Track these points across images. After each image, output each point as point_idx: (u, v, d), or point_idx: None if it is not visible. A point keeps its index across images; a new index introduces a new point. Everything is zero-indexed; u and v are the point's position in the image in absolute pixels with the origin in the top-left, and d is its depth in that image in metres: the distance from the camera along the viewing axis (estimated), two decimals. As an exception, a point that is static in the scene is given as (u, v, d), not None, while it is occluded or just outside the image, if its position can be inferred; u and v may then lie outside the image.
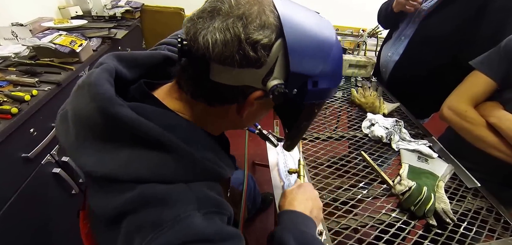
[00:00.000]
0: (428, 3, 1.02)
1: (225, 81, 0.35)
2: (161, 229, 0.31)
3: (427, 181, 0.74)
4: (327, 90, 0.40)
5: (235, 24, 0.32)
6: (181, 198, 0.34)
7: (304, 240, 0.48)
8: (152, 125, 0.34)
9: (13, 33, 1.16)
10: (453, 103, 0.82)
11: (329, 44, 0.37)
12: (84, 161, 0.35)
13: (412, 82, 1.12)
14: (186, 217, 0.32)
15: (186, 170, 0.36)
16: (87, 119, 0.35)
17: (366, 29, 2.33)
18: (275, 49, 0.34)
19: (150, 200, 0.33)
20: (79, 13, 1.52)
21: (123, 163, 0.34)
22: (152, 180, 0.34)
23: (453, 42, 0.98)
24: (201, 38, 0.33)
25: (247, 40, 0.32)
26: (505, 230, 0.67)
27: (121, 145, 0.35)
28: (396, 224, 0.66)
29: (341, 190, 0.74)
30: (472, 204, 0.73)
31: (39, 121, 0.93)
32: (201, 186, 0.37)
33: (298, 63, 0.34)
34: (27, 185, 0.89)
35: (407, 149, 0.88)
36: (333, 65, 0.39)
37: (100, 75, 0.37)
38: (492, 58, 0.78)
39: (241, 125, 0.48)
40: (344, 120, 1.11)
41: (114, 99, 0.34)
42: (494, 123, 0.73)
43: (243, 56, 0.33)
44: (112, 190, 0.34)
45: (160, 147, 0.35)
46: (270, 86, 0.35)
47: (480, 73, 0.79)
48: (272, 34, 0.33)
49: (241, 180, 1.10)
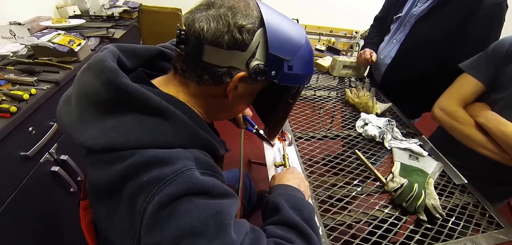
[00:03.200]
0: (419, 8, 1.05)
1: (215, 62, 0.41)
2: (164, 183, 0.34)
3: (418, 178, 0.77)
4: (300, 76, 0.47)
5: (226, 13, 0.39)
6: (181, 156, 0.37)
7: (295, 202, 0.52)
8: (152, 95, 0.38)
9: (11, 32, 1.15)
10: (444, 104, 0.86)
11: (301, 37, 0.46)
12: (87, 136, 0.37)
13: (403, 84, 1.16)
14: (187, 170, 0.36)
15: (183, 136, 0.40)
16: (92, 95, 0.39)
17: (359, 31, 2.38)
18: (257, 36, 0.41)
19: (151, 161, 0.35)
20: (77, 12, 1.52)
21: (123, 131, 0.37)
22: (152, 145, 0.37)
23: (442, 46, 1.01)
24: (197, 23, 0.40)
25: (235, 25, 0.39)
26: (490, 224, 0.71)
27: (123, 116, 0.38)
28: (389, 220, 0.68)
29: (336, 187, 0.76)
30: (460, 200, 0.77)
31: (38, 120, 0.93)
32: (197, 152, 0.41)
33: (276, 47, 0.42)
34: (26, 183, 0.89)
35: (399, 148, 0.91)
36: (305, 55, 0.46)
37: (105, 55, 0.41)
38: (481, 62, 0.82)
39: (227, 111, 0.52)
40: (339, 120, 1.14)
41: (120, 72, 0.38)
42: (482, 123, 0.77)
43: (231, 37, 0.39)
44: (114, 159, 0.37)
45: (159, 114, 0.39)
46: (253, 65, 0.41)
47: (469, 75, 0.83)
48: (255, 23, 0.41)
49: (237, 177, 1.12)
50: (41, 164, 0.95)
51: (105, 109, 0.38)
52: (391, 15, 1.19)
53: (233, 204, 0.39)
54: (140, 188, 0.34)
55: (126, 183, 0.35)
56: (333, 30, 2.41)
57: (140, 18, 1.96)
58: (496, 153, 0.75)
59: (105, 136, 0.37)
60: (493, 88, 0.80)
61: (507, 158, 0.74)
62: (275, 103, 0.53)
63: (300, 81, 0.48)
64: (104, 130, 0.37)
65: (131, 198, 0.35)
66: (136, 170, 0.35)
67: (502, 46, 0.77)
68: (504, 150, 0.74)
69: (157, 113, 0.38)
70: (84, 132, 0.38)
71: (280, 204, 0.50)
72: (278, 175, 0.65)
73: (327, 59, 1.43)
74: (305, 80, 0.50)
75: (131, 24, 1.72)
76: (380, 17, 1.32)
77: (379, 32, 1.28)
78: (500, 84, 0.77)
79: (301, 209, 0.50)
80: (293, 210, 0.49)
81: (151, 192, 0.33)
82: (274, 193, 0.56)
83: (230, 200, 0.39)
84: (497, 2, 0.89)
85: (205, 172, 0.39)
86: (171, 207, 0.33)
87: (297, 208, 0.50)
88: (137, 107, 0.38)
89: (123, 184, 0.36)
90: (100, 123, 0.38)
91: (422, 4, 1.04)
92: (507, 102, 0.75)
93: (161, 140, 0.38)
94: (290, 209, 0.49)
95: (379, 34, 1.27)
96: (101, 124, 0.38)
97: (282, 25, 0.44)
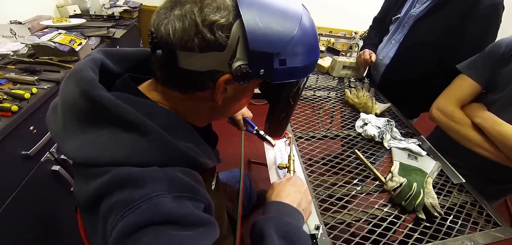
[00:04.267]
0: (417, 9, 1.07)
1: (193, 68, 0.36)
2: (130, 208, 0.31)
3: (417, 178, 0.78)
4: (299, 69, 0.39)
5: (191, 10, 0.33)
6: (152, 178, 0.34)
7: (287, 230, 0.45)
8: (128, 108, 0.35)
9: (11, 31, 1.15)
10: (442, 105, 0.88)
11: (294, 21, 0.37)
12: (69, 148, 0.36)
13: (402, 84, 1.17)
14: (155, 197, 0.32)
15: (160, 153, 0.36)
16: (73, 105, 0.37)
17: (358, 32, 2.39)
18: (235, 30, 0.34)
19: (122, 181, 0.33)
20: (77, 11, 1.52)
21: (100, 146, 0.35)
22: (127, 162, 0.34)
23: (440, 46, 1.03)
24: (163, 28, 0.34)
25: (203, 23, 0.33)
26: (487, 223, 0.72)
27: (100, 129, 0.36)
28: (388, 218, 0.69)
29: (336, 186, 0.77)
30: (458, 199, 0.77)
31: (39, 119, 0.93)
32: (176, 171, 0.37)
33: (258, 42, 0.34)
34: (26, 182, 0.89)
35: (398, 147, 0.92)
36: (302, 42, 0.38)
37: (85, 63, 0.39)
38: (477, 63, 0.83)
39: (221, 113, 0.47)
40: (338, 120, 1.15)
41: (95, 83, 0.36)
42: (479, 123, 0.78)
43: (202, 39, 0.33)
44: (91, 174, 0.35)
45: (135, 129, 0.35)
46: (235, 67, 0.35)
47: (466, 77, 0.84)
48: (229, 15, 0.34)
49: (238, 177, 1.13)
50: (41, 163, 0.95)
51: (85, 121, 0.36)
52: (390, 16, 1.20)
53: (206, 235, 0.35)
54: (110, 209, 0.32)
55: (101, 202, 0.34)
56: (332, 30, 2.42)
57: (140, 18, 1.97)
58: (492, 152, 0.77)
59: (84, 150, 0.35)
60: (489, 89, 0.81)
61: (503, 157, 0.75)
62: (274, 101, 0.47)
63: (300, 75, 0.40)
64: (84, 143, 0.35)
65: (104, 217, 0.33)
66: (108, 188, 0.33)
67: (499, 48, 0.78)
68: (500, 149, 0.75)
69: (133, 129, 0.35)
70: (67, 142, 0.37)
71: (267, 233, 0.44)
72: (277, 185, 0.58)
73: (327, 59, 1.44)
74: (306, 71, 0.41)
75: (131, 24, 1.72)
76: (379, 18, 1.33)
77: (378, 33, 1.30)
78: (496, 85, 0.79)
79: (292, 240, 0.44)
80: (283, 241, 0.43)
81: (117, 216, 0.31)
82: (266, 214, 0.50)
83: (204, 229, 0.35)
84: (494, 3, 0.90)
85: (181, 195, 0.35)
86: (134, 238, 0.30)
87: (288, 238, 0.44)
88: (113, 120, 0.35)
89: (98, 203, 0.34)
90: (81, 135, 0.36)
91: (420, 5, 1.06)
92: (504, 103, 0.76)
93: (137, 157, 0.35)
94: (278, 238, 0.44)
95: (378, 35, 1.29)
96: (82, 136, 0.36)
97: (266, 9, 0.35)
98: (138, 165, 0.35)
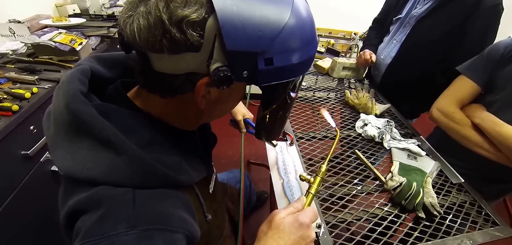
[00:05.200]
0: (419, 9, 1.08)
1: (168, 70, 0.32)
2: (89, 241, 0.30)
3: (416, 177, 0.79)
4: (290, 67, 0.33)
5: (156, 6, 0.29)
6: (118, 211, 0.31)
7: None
8: (107, 124, 0.34)
9: (10, 30, 1.14)
10: (442, 105, 0.89)
11: (282, 11, 0.31)
12: (56, 157, 0.35)
13: (403, 83, 1.18)
14: (114, 236, 0.30)
15: (136, 174, 0.34)
16: (59, 115, 0.36)
17: (358, 33, 2.41)
18: (210, 27, 0.29)
19: (95, 204, 0.32)
20: (76, 11, 1.51)
21: (79, 161, 0.33)
22: (102, 181, 0.33)
23: (442, 46, 1.04)
24: (128, 27, 0.31)
25: (170, 21, 0.28)
26: (486, 222, 0.73)
27: (82, 143, 0.34)
28: (388, 217, 0.70)
29: (337, 186, 0.78)
30: (457, 198, 0.78)
31: (39, 119, 0.93)
32: (151, 196, 0.34)
33: (237, 40, 0.29)
34: (26, 182, 0.88)
35: (397, 148, 0.93)
36: (294, 36, 0.32)
37: (72, 75, 0.38)
38: (477, 65, 0.84)
39: (208, 116, 0.43)
40: (338, 121, 1.16)
41: (78, 97, 0.35)
42: (478, 123, 0.79)
43: (170, 39, 0.29)
44: (73, 188, 0.34)
45: (112, 147, 0.33)
46: (212, 69, 0.30)
47: (466, 78, 0.85)
48: (202, 9, 0.29)
49: (238, 178, 1.13)
50: (41, 163, 0.95)
51: (70, 132, 0.35)
52: (391, 16, 1.22)
53: None
54: (78, 228, 0.31)
55: (78, 218, 0.33)
56: (332, 31, 2.43)
57: (139, 18, 1.96)
58: (491, 152, 0.78)
59: (66, 162, 0.34)
60: (488, 90, 0.83)
61: (503, 157, 0.76)
62: (267, 98, 0.41)
63: (292, 74, 0.35)
64: (66, 154, 0.34)
65: (75, 235, 0.32)
66: (84, 206, 0.32)
67: (497, 50, 0.80)
68: (499, 149, 0.76)
69: (109, 146, 0.33)
70: (54, 150, 0.36)
71: None
72: (275, 226, 0.43)
73: (327, 61, 1.45)
74: (298, 70, 0.35)
75: (130, 23, 1.71)
76: (378, 20, 1.35)
77: (378, 34, 1.31)
78: (495, 86, 0.80)
79: None
80: None
81: (78, 242, 0.30)
82: None
83: None
84: (494, 4, 0.92)
85: (149, 228, 0.32)
86: None
87: None
88: (93, 135, 0.34)
89: (75, 218, 0.33)
90: (66, 145, 0.35)
91: (422, 5, 1.07)
92: (503, 103, 0.77)
93: (113, 176, 0.33)
94: None
95: (378, 36, 1.30)
96: (67, 146, 0.35)
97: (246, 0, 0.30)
98: (113, 184, 0.33)
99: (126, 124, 0.36)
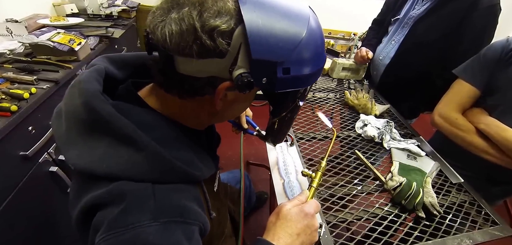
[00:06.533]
0: (418, 10, 1.08)
1: (191, 73, 0.34)
2: (114, 233, 0.31)
3: (416, 177, 0.79)
4: (303, 77, 0.37)
5: (190, 13, 0.31)
6: (141, 204, 0.33)
7: None
8: (126, 122, 0.35)
9: (7, 29, 1.14)
10: (443, 111, 0.88)
11: (300, 27, 0.35)
12: (70, 155, 0.36)
13: (402, 84, 1.19)
14: (139, 227, 0.32)
15: (155, 170, 0.35)
16: (75, 114, 0.37)
17: (357, 33, 2.41)
18: (236, 36, 0.32)
19: (115, 198, 0.33)
20: (74, 10, 1.50)
21: (98, 158, 0.35)
22: (122, 177, 0.34)
23: (440, 46, 1.05)
24: (159, 31, 0.33)
25: (202, 29, 0.31)
26: (486, 221, 0.73)
27: (99, 140, 0.35)
28: (389, 217, 0.70)
29: (338, 186, 0.78)
30: (456, 198, 0.79)
31: (37, 119, 0.92)
32: (169, 190, 0.36)
33: (261, 50, 0.33)
34: (24, 183, 0.88)
35: (397, 148, 0.93)
36: (308, 50, 0.36)
37: (89, 75, 0.39)
38: (474, 67, 0.83)
39: (221, 117, 0.46)
40: (338, 121, 1.16)
41: (97, 95, 0.36)
42: (483, 129, 0.79)
43: (201, 45, 0.32)
44: (89, 184, 0.35)
45: (132, 144, 0.35)
46: (235, 75, 0.33)
47: (464, 82, 0.84)
48: (231, 20, 0.32)
49: (238, 178, 1.13)
50: (40, 164, 0.94)
51: (85, 130, 0.36)
52: (389, 17, 1.22)
53: None
54: (101, 222, 0.33)
55: (96, 212, 0.34)
56: (331, 32, 2.44)
57: (138, 18, 1.95)
58: (499, 158, 0.77)
59: (82, 158, 0.35)
60: (488, 93, 0.81)
61: (510, 161, 0.75)
62: (277, 106, 0.46)
63: (304, 83, 0.39)
64: (83, 152, 0.35)
65: (94, 229, 0.33)
66: (104, 201, 0.33)
67: (495, 51, 0.79)
68: (506, 154, 0.75)
69: (129, 143, 0.35)
70: (68, 149, 0.37)
71: None
72: (283, 217, 0.47)
73: (327, 61, 1.45)
74: (311, 79, 0.40)
75: (129, 23, 1.71)
76: (378, 20, 1.35)
77: (376, 35, 1.31)
78: (495, 88, 0.79)
79: None
80: None
81: (102, 235, 0.31)
82: None
83: None
84: (491, 4, 0.92)
85: (169, 220, 0.34)
86: None
87: None
88: (112, 133, 0.35)
89: (93, 212, 0.34)
90: (81, 143, 0.36)
91: (420, 6, 1.08)
92: (506, 108, 0.76)
93: (132, 172, 0.34)
94: None
95: (377, 36, 1.31)
96: (82, 144, 0.36)
97: (270, 13, 0.33)
98: (133, 179, 0.34)
99: (143, 121, 0.38)
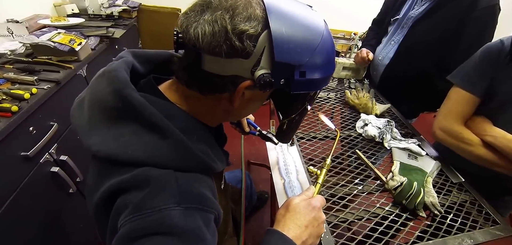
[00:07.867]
0: (417, 10, 1.08)
1: (216, 71, 0.37)
2: (140, 214, 0.33)
3: (417, 177, 0.79)
4: (316, 81, 0.41)
5: (222, 16, 0.35)
6: (166, 188, 0.35)
7: None
8: (154, 110, 0.38)
9: (8, 30, 1.14)
10: (445, 125, 0.83)
11: (317, 35, 0.39)
12: (93, 141, 0.38)
13: (401, 84, 1.19)
14: (165, 209, 0.34)
15: (178, 158, 0.38)
16: (102, 102, 0.39)
17: (357, 33, 2.41)
18: (262, 40, 0.36)
19: (140, 183, 0.35)
20: (75, 11, 1.50)
21: (122, 144, 0.36)
22: (147, 162, 0.36)
23: (439, 47, 1.04)
24: (192, 30, 0.36)
25: (233, 31, 0.34)
26: (487, 221, 0.73)
27: (125, 127, 0.38)
28: (389, 217, 0.70)
29: (338, 186, 0.78)
30: (457, 198, 0.79)
31: (38, 119, 0.92)
32: (189, 178, 0.38)
33: (283, 53, 0.37)
34: (26, 183, 0.88)
35: (398, 147, 0.93)
36: (322, 57, 0.40)
37: (119, 65, 0.42)
38: (471, 75, 0.79)
39: (235, 115, 0.49)
40: (338, 121, 1.16)
41: (128, 84, 0.39)
42: (490, 141, 0.75)
43: (230, 46, 0.35)
44: (113, 169, 0.37)
45: (158, 131, 0.37)
46: (257, 75, 0.37)
47: (462, 90, 0.80)
48: (258, 26, 0.35)
49: (239, 178, 1.13)
50: (41, 164, 0.95)
51: (110, 117, 0.38)
52: (388, 17, 1.22)
53: None
54: (125, 205, 0.34)
55: (118, 197, 0.35)
56: (331, 31, 2.44)
57: (139, 18, 1.95)
58: (509, 169, 0.74)
59: (106, 145, 0.37)
60: (490, 97, 0.78)
61: None
62: (287, 108, 0.50)
63: (316, 87, 0.43)
64: (107, 138, 0.37)
65: (117, 209, 0.35)
66: (127, 185, 0.35)
67: (492, 55, 0.75)
68: None
69: (156, 130, 0.37)
70: (90, 136, 0.38)
71: None
72: (292, 209, 0.50)
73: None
74: (322, 84, 0.44)
75: (130, 23, 1.71)
76: (378, 20, 1.35)
77: (376, 35, 1.31)
78: (498, 92, 0.76)
79: None
80: None
81: (127, 216, 0.33)
82: None
83: None
84: (490, 4, 0.92)
85: (190, 207, 0.36)
86: (137, 243, 0.32)
87: None
88: (139, 119, 0.37)
89: (115, 197, 0.36)
90: (104, 130, 0.38)
91: (419, 7, 1.07)
92: (509, 116, 0.74)
93: (156, 159, 0.37)
94: None
95: (376, 36, 1.31)
96: (106, 131, 0.38)
97: (293, 21, 0.38)
98: (157, 166, 0.36)
99: (167, 111, 0.40)
